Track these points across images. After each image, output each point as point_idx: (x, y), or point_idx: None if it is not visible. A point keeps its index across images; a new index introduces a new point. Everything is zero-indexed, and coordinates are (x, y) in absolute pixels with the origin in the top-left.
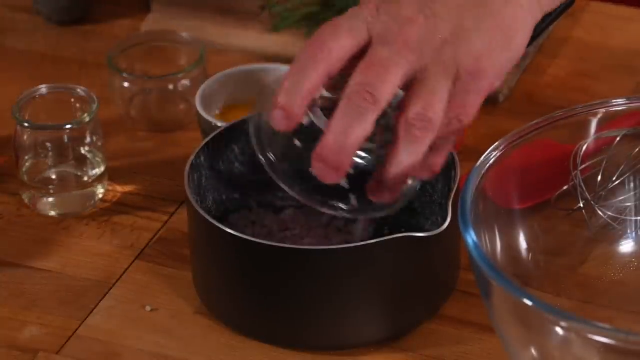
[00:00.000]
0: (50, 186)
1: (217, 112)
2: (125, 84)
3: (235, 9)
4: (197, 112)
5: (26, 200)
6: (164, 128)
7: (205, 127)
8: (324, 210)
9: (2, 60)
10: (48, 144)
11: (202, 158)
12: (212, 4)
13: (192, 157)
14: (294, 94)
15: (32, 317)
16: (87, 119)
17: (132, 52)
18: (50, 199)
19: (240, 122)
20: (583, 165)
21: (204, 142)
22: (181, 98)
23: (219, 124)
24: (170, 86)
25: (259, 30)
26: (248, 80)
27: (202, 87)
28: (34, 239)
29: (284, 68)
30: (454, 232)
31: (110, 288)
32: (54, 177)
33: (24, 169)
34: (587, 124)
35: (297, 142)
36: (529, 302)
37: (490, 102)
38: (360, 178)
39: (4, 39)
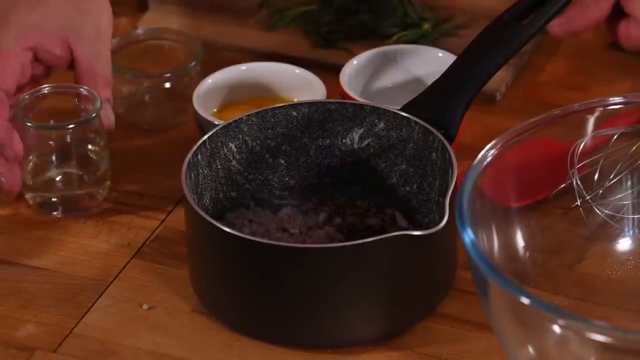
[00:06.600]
0: (54, 187)
1: (214, 110)
2: (123, 83)
3: (233, 7)
4: (195, 110)
5: (30, 201)
6: (161, 126)
7: (203, 125)
8: None
9: None
10: (51, 144)
11: (199, 156)
12: (209, 2)
13: (189, 155)
14: None
15: (29, 316)
16: (90, 119)
17: (129, 51)
18: (54, 199)
19: (237, 120)
20: (580, 164)
21: (201, 141)
22: (178, 96)
23: (216, 122)
24: (168, 84)
25: (256, 28)
26: (245, 78)
27: (200, 85)
28: (31, 238)
29: (280, 67)
30: (452, 230)
31: (108, 286)
32: (57, 177)
33: (27, 169)
34: (584, 122)
35: None
36: (526, 301)
37: (488, 100)
38: None
39: None
